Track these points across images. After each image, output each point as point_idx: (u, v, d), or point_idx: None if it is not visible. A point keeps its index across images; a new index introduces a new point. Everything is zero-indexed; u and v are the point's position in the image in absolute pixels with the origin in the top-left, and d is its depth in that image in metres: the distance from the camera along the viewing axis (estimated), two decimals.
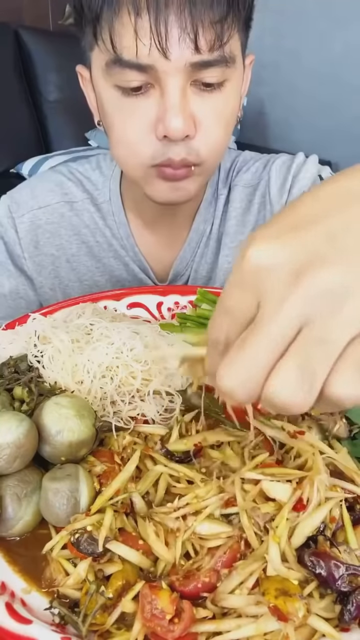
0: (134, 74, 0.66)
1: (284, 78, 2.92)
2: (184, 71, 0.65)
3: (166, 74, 0.65)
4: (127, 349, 0.65)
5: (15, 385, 0.61)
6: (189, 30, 0.62)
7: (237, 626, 0.43)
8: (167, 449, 0.59)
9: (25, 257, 0.95)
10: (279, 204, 0.91)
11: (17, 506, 0.51)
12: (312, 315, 0.30)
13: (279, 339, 0.31)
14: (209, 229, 0.95)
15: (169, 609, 0.42)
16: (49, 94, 3.00)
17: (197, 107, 0.69)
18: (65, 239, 0.96)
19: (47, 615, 0.46)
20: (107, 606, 0.45)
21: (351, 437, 0.62)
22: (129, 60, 0.65)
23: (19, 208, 0.94)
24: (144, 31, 0.62)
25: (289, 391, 0.31)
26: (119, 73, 0.67)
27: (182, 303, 0.87)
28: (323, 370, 0.30)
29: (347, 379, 0.30)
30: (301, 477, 0.52)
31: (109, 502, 0.51)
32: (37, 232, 0.94)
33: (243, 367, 0.32)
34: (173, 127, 0.66)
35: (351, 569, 0.45)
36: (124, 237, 0.95)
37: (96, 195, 0.96)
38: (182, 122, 0.66)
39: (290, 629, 0.42)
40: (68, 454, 0.55)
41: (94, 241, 0.96)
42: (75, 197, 0.96)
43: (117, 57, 0.66)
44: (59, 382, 0.64)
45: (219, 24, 0.63)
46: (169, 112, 0.66)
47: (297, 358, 0.30)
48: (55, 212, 0.95)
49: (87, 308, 0.78)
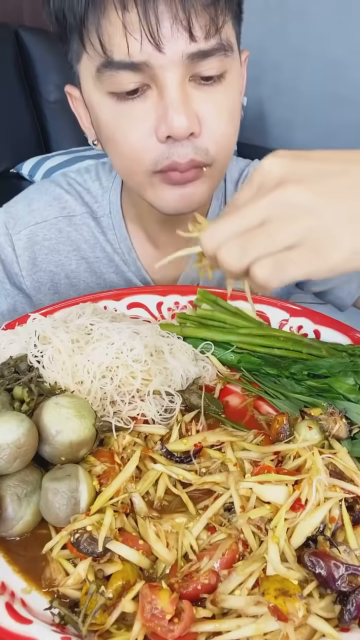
0: (127, 75, 0.62)
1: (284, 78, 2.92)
2: (181, 64, 0.62)
3: (162, 70, 0.61)
4: (127, 349, 0.65)
5: (15, 385, 0.61)
6: (182, 18, 0.58)
7: (237, 626, 0.43)
8: (167, 449, 0.59)
9: (24, 275, 0.92)
10: None
11: (17, 506, 0.51)
12: (273, 216, 0.42)
13: (244, 222, 0.43)
14: None
15: (169, 609, 0.42)
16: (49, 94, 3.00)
17: (199, 103, 0.65)
18: (64, 255, 0.93)
19: (47, 615, 0.46)
20: (107, 606, 0.45)
21: (351, 437, 0.62)
22: (121, 61, 0.61)
23: (15, 224, 0.91)
24: (133, 25, 0.58)
25: (229, 255, 0.44)
26: (111, 77, 0.63)
27: (182, 303, 0.87)
28: (256, 253, 0.43)
29: (265, 265, 0.42)
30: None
31: (109, 502, 0.52)
32: (35, 248, 0.91)
33: (219, 231, 0.44)
34: (176, 125, 0.62)
35: (351, 569, 0.45)
36: (126, 251, 0.92)
37: (95, 208, 0.93)
38: (185, 119, 0.62)
39: (290, 629, 0.42)
40: (68, 454, 0.55)
41: (94, 257, 0.93)
42: (74, 211, 0.93)
43: (107, 60, 0.62)
44: (59, 382, 0.64)
45: (212, 6, 0.59)
46: (170, 110, 0.62)
47: (246, 238, 0.43)
48: (53, 227, 0.92)
49: (87, 308, 0.78)
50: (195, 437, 0.60)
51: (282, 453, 0.58)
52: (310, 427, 0.60)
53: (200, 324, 0.81)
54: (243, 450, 0.59)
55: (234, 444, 0.60)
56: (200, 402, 0.66)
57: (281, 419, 0.61)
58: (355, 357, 0.73)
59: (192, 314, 0.83)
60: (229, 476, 0.55)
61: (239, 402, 0.71)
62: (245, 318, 0.82)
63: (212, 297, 0.84)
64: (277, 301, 0.85)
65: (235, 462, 0.57)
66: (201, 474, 0.57)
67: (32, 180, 2.67)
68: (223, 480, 0.55)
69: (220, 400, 0.70)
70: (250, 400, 0.71)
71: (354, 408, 0.66)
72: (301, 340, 0.77)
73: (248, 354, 0.76)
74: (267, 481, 0.52)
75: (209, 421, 0.66)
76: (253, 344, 0.77)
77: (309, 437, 0.59)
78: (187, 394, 0.67)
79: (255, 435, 0.62)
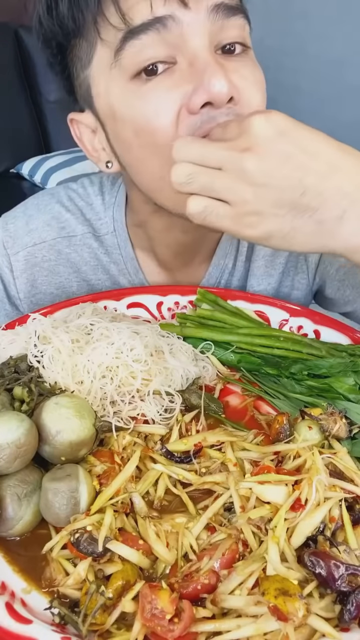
0: (151, 43, 0.58)
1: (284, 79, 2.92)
2: (207, 22, 0.58)
3: (189, 32, 0.58)
4: (127, 349, 0.65)
5: (15, 385, 0.61)
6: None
7: (237, 626, 0.43)
8: (167, 449, 0.59)
9: (21, 297, 0.89)
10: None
11: (17, 506, 0.51)
12: (228, 169, 0.51)
13: (206, 157, 0.52)
14: (232, 264, 0.90)
15: (169, 608, 0.42)
16: (49, 94, 2.99)
17: (231, 71, 0.60)
18: (64, 277, 0.89)
19: (47, 615, 0.46)
20: (107, 606, 0.45)
21: (351, 437, 0.62)
22: (143, 22, 0.57)
23: (14, 244, 0.87)
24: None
25: (177, 174, 0.53)
26: (134, 50, 0.59)
27: (182, 303, 0.86)
28: (197, 187, 0.52)
29: (198, 203, 0.53)
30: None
31: (109, 502, 0.52)
32: (34, 270, 0.88)
33: (188, 149, 0.53)
34: (217, 88, 0.57)
35: (351, 568, 0.45)
36: (132, 272, 0.88)
37: (98, 226, 0.88)
38: (225, 80, 0.57)
39: (290, 629, 0.42)
40: (68, 454, 0.55)
41: (96, 279, 0.90)
42: (74, 231, 0.88)
43: (129, 29, 0.58)
44: (59, 382, 0.64)
45: None
46: (207, 73, 0.57)
47: (197, 169, 0.52)
48: (52, 249, 0.87)
49: (87, 308, 0.78)
50: (195, 437, 0.60)
51: (282, 453, 0.58)
52: (310, 427, 0.60)
53: (200, 324, 0.81)
54: (243, 450, 0.59)
55: (234, 444, 0.60)
56: (200, 402, 0.66)
57: (281, 419, 0.61)
58: (355, 357, 0.73)
59: (192, 314, 0.83)
60: (229, 476, 0.55)
61: (239, 402, 0.71)
62: (245, 318, 0.82)
63: (212, 297, 0.84)
64: (277, 301, 0.85)
65: (235, 462, 0.57)
66: (201, 474, 0.57)
67: (32, 180, 2.68)
68: (223, 480, 0.55)
69: (220, 400, 0.70)
70: (250, 400, 0.71)
71: (354, 408, 0.66)
72: (301, 340, 0.77)
73: (248, 354, 0.76)
74: (267, 481, 0.52)
75: (209, 421, 0.66)
76: (253, 344, 0.77)
77: (309, 437, 0.59)
78: (187, 394, 0.67)
79: (255, 435, 0.62)
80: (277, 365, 0.74)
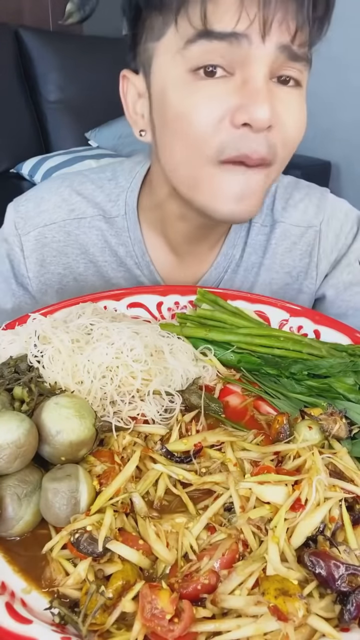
0: (218, 50, 0.63)
1: None
2: (273, 57, 0.63)
3: (255, 57, 0.63)
4: (127, 349, 0.65)
5: (15, 385, 0.61)
6: (290, 19, 0.61)
7: (237, 626, 0.43)
8: (167, 449, 0.59)
9: (30, 276, 0.91)
10: (328, 261, 0.91)
11: (17, 506, 0.51)
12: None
13: None
14: (239, 255, 0.92)
15: (169, 608, 0.42)
16: (49, 94, 3.00)
17: (278, 100, 0.66)
18: (72, 258, 0.92)
19: (47, 615, 0.46)
20: (107, 606, 0.45)
21: (351, 437, 0.62)
22: (222, 31, 0.61)
23: (25, 225, 0.90)
24: (250, 6, 0.60)
25: None
26: (200, 51, 0.63)
27: (182, 303, 0.87)
28: None
29: None
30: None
31: (109, 502, 0.52)
32: (43, 250, 0.90)
33: None
34: (260, 115, 0.62)
35: (351, 568, 0.45)
36: (139, 254, 0.91)
37: (109, 208, 0.91)
38: (269, 110, 0.63)
39: (290, 629, 0.42)
40: (68, 454, 0.55)
41: (102, 260, 0.92)
42: (84, 214, 0.90)
43: (204, 30, 0.62)
44: (59, 382, 0.64)
45: (316, 23, 0.63)
46: (256, 99, 0.62)
47: None
48: (61, 230, 0.90)
49: (87, 308, 0.78)
50: (195, 437, 0.60)
51: (282, 453, 0.58)
52: (310, 427, 0.60)
53: (200, 324, 0.81)
54: (243, 450, 0.59)
55: (234, 444, 0.60)
56: (200, 402, 0.66)
57: (281, 419, 0.61)
58: (355, 357, 0.73)
59: (192, 314, 0.83)
60: (229, 476, 0.55)
61: (239, 402, 0.71)
62: (245, 318, 0.82)
63: (212, 297, 0.84)
64: (277, 301, 0.85)
65: (235, 462, 0.57)
66: (201, 474, 0.57)
67: (32, 180, 2.68)
68: (223, 480, 0.55)
69: (220, 400, 0.70)
70: (250, 400, 0.71)
71: (354, 408, 0.66)
72: (301, 340, 0.77)
73: (248, 354, 0.76)
74: (267, 481, 0.52)
75: (209, 421, 0.66)
76: (253, 344, 0.77)
77: (309, 437, 0.59)
78: (187, 394, 0.67)
79: (255, 435, 0.62)
80: (277, 365, 0.74)
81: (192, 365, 0.71)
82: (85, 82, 3.03)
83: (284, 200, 0.93)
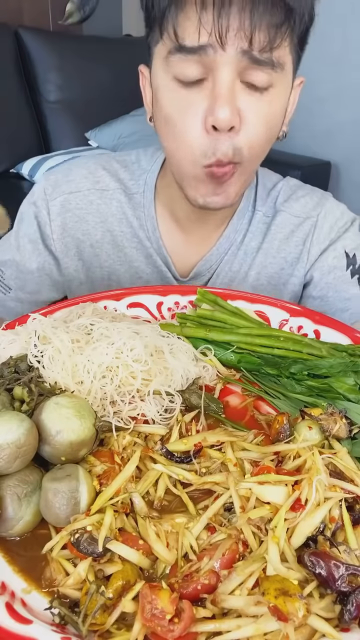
0: (192, 61, 0.71)
1: None
2: (236, 61, 0.70)
3: (219, 63, 0.70)
4: (127, 349, 0.65)
5: (15, 385, 0.61)
6: (246, 29, 0.67)
7: (237, 626, 0.43)
8: (167, 449, 0.59)
9: (54, 238, 1.00)
10: (320, 248, 0.98)
11: (17, 506, 0.51)
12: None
13: None
14: (240, 239, 1.00)
15: (169, 608, 0.42)
16: (49, 94, 3.00)
17: (244, 103, 0.73)
18: (91, 225, 1.00)
19: (47, 615, 0.46)
20: (107, 606, 0.45)
21: (351, 437, 0.62)
22: (190, 46, 0.70)
23: (53, 191, 0.99)
24: (207, 23, 0.68)
25: None
26: (178, 62, 0.72)
27: (182, 303, 0.87)
28: None
29: None
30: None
31: (109, 502, 0.52)
32: (66, 215, 0.99)
33: None
34: (221, 116, 0.70)
35: (351, 569, 0.45)
36: (150, 229, 0.99)
37: (130, 185, 1.00)
38: (229, 111, 0.70)
39: (290, 629, 0.42)
40: (68, 454, 0.55)
41: (119, 230, 1.00)
42: (107, 186, 1.00)
43: (179, 45, 0.71)
44: (59, 382, 0.64)
45: (274, 29, 0.68)
46: (218, 101, 0.70)
47: None
48: (85, 198, 0.99)
49: (87, 308, 0.78)
50: (195, 437, 0.60)
51: (282, 453, 0.58)
52: (310, 427, 0.60)
53: (200, 324, 0.81)
54: (243, 450, 0.59)
55: (234, 444, 0.60)
56: (200, 402, 0.66)
57: (281, 419, 0.61)
58: (355, 357, 0.73)
59: (192, 314, 0.83)
60: (229, 476, 0.55)
61: (239, 402, 0.71)
62: (245, 318, 0.82)
63: (212, 297, 0.84)
64: (277, 301, 0.85)
65: (235, 462, 0.57)
66: (201, 474, 0.57)
67: (32, 180, 2.68)
68: (223, 480, 0.55)
69: (220, 400, 0.70)
70: (250, 400, 0.71)
71: (354, 408, 0.66)
72: (301, 340, 0.77)
73: (248, 354, 0.76)
74: (267, 481, 0.52)
75: (209, 421, 0.66)
76: (253, 344, 0.77)
77: (309, 437, 0.59)
78: (187, 394, 0.67)
79: (255, 435, 0.62)
80: (277, 365, 0.74)
81: (192, 365, 0.71)
82: (85, 82, 3.03)
83: (287, 195, 1.01)
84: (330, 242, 0.98)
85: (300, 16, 0.70)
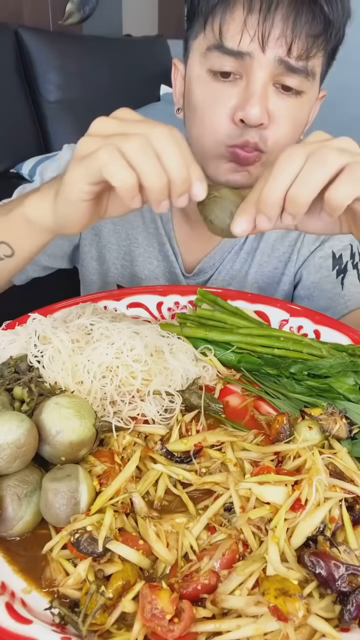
0: (229, 60, 0.76)
1: None
2: (272, 67, 0.74)
3: (257, 66, 0.74)
4: (127, 349, 0.65)
5: (15, 385, 0.61)
6: (287, 36, 0.72)
7: (237, 626, 0.43)
8: (167, 449, 0.59)
9: None
10: (309, 248, 1.01)
11: (17, 506, 0.51)
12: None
13: None
14: (243, 239, 1.03)
15: (169, 608, 0.42)
16: (49, 94, 2.99)
17: (274, 104, 0.77)
18: None
19: (47, 615, 0.46)
20: (107, 606, 0.45)
21: (351, 437, 0.62)
22: (231, 48, 0.75)
23: None
24: (251, 26, 0.73)
25: None
26: (216, 58, 0.77)
27: (182, 303, 0.87)
28: None
29: None
30: None
31: (109, 502, 0.52)
32: None
33: None
34: (252, 114, 0.75)
35: (351, 569, 0.45)
36: (165, 219, 1.04)
37: None
38: (259, 110, 0.75)
39: (290, 629, 0.42)
40: (68, 454, 0.55)
41: (141, 212, 1.04)
42: None
43: (220, 44, 0.75)
44: (59, 382, 0.64)
45: (312, 39, 0.73)
46: (251, 100, 0.75)
47: None
48: None
49: (87, 308, 0.78)
50: (195, 437, 0.60)
51: (282, 453, 0.58)
52: (310, 427, 0.60)
53: (200, 324, 0.81)
54: (243, 450, 0.59)
55: (234, 444, 0.60)
56: (200, 402, 0.66)
57: (281, 419, 0.61)
58: (355, 357, 0.73)
59: (192, 314, 0.83)
60: (229, 476, 0.55)
61: (239, 402, 0.71)
62: (245, 318, 0.82)
63: (212, 297, 0.84)
64: (277, 301, 0.85)
65: (235, 462, 0.57)
66: (201, 474, 0.57)
67: (31, 181, 2.68)
68: (223, 480, 0.55)
69: (220, 400, 0.70)
70: (250, 400, 0.71)
71: (354, 408, 0.66)
72: (301, 340, 0.77)
73: (248, 354, 0.76)
74: (267, 482, 0.52)
75: (209, 421, 0.66)
76: (253, 344, 0.77)
77: (309, 437, 0.59)
78: (187, 394, 0.67)
79: (255, 435, 0.62)
80: (277, 365, 0.74)
81: (192, 365, 0.71)
82: (85, 82, 3.03)
83: None
84: (320, 243, 1.01)
85: (336, 30, 0.75)
